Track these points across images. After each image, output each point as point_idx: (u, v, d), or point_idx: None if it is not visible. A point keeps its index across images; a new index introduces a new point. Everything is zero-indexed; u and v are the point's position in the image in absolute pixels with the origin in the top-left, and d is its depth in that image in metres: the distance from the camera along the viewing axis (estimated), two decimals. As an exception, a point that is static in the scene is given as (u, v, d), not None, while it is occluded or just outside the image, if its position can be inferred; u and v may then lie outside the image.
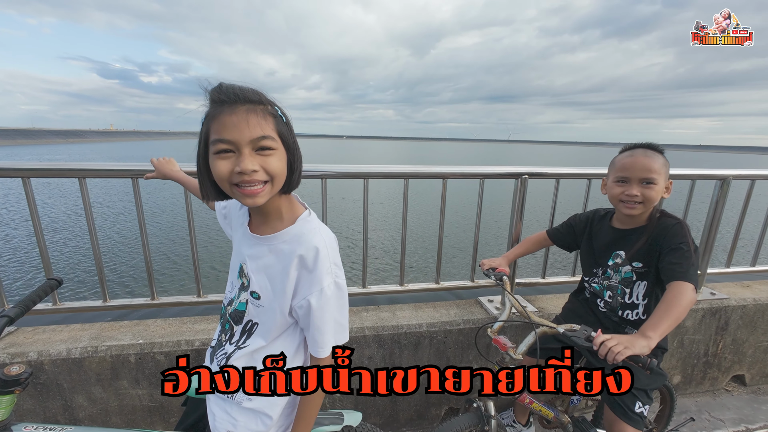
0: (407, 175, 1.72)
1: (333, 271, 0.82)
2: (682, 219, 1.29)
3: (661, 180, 1.25)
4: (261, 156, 0.73)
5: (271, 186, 0.76)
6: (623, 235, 1.36)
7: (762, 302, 2.18)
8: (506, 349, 1.26)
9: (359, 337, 1.71)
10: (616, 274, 1.37)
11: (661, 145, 1.31)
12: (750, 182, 2.13)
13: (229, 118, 0.71)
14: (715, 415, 2.10)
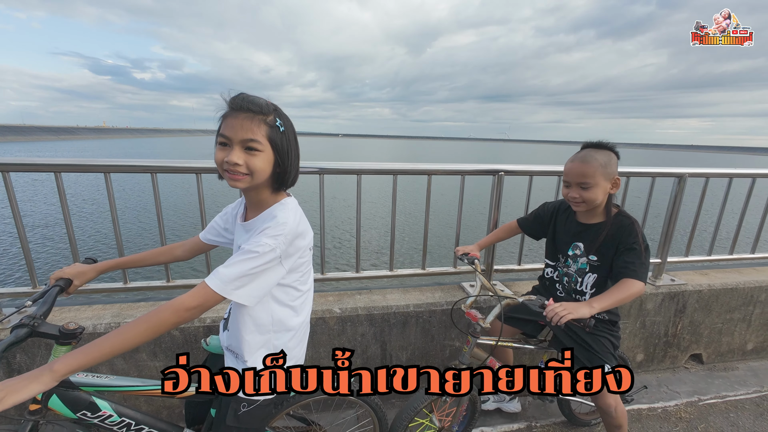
0: (396, 172, 1.93)
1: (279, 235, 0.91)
2: (635, 219, 1.47)
3: (600, 180, 1.39)
4: (247, 154, 0.91)
5: (251, 178, 0.93)
6: (584, 228, 1.53)
7: (716, 288, 2.42)
8: (477, 320, 1.48)
9: (353, 317, 1.91)
10: (574, 263, 1.56)
11: (610, 142, 1.47)
12: (705, 180, 2.37)
13: (231, 120, 0.90)
14: (673, 388, 2.34)
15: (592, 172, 1.39)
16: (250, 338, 1.03)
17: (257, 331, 1.03)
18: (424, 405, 1.53)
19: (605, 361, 1.49)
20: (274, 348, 1.07)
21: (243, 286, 0.89)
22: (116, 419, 1.10)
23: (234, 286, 0.88)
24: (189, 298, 0.87)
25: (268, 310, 1.03)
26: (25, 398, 0.76)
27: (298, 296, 1.08)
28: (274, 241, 0.91)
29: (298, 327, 1.11)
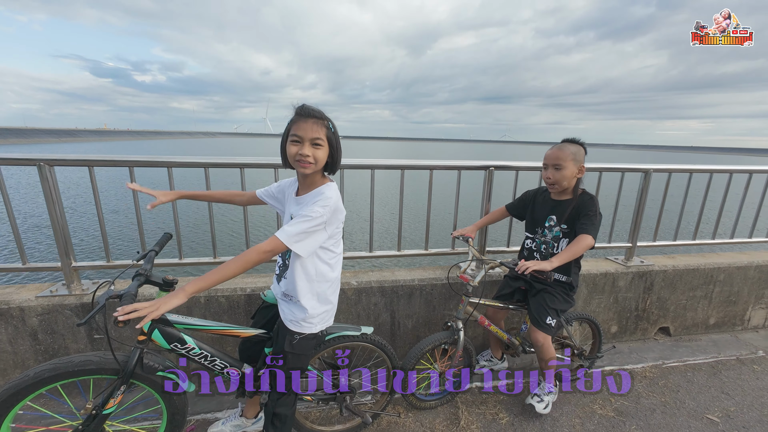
0: (403, 167, 2.30)
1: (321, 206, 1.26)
2: (594, 196, 1.90)
3: (569, 165, 1.82)
4: (313, 148, 1.29)
5: (315, 166, 1.31)
6: (557, 204, 1.95)
7: (680, 268, 2.79)
8: (467, 281, 1.86)
9: (367, 288, 2.28)
10: (549, 232, 1.96)
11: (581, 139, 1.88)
12: (668, 174, 2.74)
13: (302, 124, 1.27)
14: (641, 355, 2.71)
15: (564, 157, 1.82)
16: (302, 284, 1.40)
17: (306, 279, 1.40)
18: (428, 348, 1.91)
19: (548, 315, 1.90)
20: (317, 293, 1.43)
21: (300, 241, 1.26)
22: (197, 351, 1.47)
23: (295, 240, 1.24)
24: (265, 245, 1.24)
25: (313, 265, 1.40)
26: (171, 308, 1.14)
27: (333, 257, 1.45)
28: (323, 209, 1.27)
29: (333, 279, 1.48)
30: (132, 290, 1.25)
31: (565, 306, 1.94)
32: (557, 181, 1.84)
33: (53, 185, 1.88)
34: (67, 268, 2.00)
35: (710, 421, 2.07)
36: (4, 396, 1.27)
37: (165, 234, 1.67)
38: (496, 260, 1.82)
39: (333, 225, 1.35)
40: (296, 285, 1.39)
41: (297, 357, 1.44)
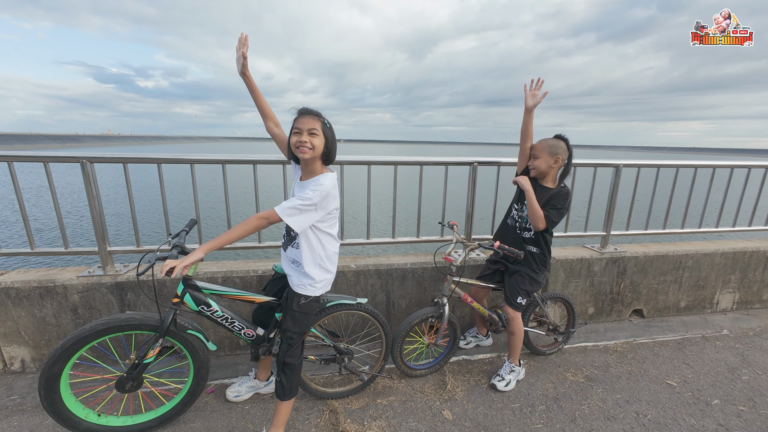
0: (396, 163, 2.59)
1: (315, 191, 1.52)
2: (570, 192, 2.18)
3: (544, 155, 2.09)
4: (310, 136, 1.57)
5: (313, 152, 1.59)
6: (539, 187, 2.16)
7: (650, 255, 3.07)
8: (451, 262, 2.14)
9: (365, 271, 2.57)
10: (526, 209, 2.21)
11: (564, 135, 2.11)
12: (637, 169, 3.02)
13: (301, 119, 1.57)
14: (615, 334, 2.97)
15: (541, 148, 2.11)
16: (306, 255, 1.68)
17: (309, 251, 1.68)
18: (416, 321, 2.19)
19: (519, 295, 2.19)
20: (319, 264, 1.71)
21: (292, 216, 1.52)
22: (220, 314, 1.77)
23: (287, 214, 1.51)
24: (263, 212, 1.54)
25: (316, 239, 1.68)
26: (193, 261, 1.45)
27: (329, 237, 1.72)
28: (313, 193, 1.54)
29: (332, 253, 1.76)
30: (174, 254, 1.54)
31: (533, 287, 2.22)
32: (535, 167, 2.13)
33: (93, 180, 2.18)
34: (104, 252, 2.30)
35: (668, 385, 2.33)
36: (66, 345, 1.57)
37: (191, 219, 1.97)
38: (475, 242, 2.11)
39: (325, 209, 1.61)
40: (302, 255, 1.67)
41: (303, 315, 1.72)
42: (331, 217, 1.69)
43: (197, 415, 1.98)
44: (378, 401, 2.14)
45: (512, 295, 2.20)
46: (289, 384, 1.70)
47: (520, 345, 2.30)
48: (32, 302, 2.18)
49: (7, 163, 2.11)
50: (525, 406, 2.12)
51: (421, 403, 2.13)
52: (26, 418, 1.93)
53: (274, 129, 1.87)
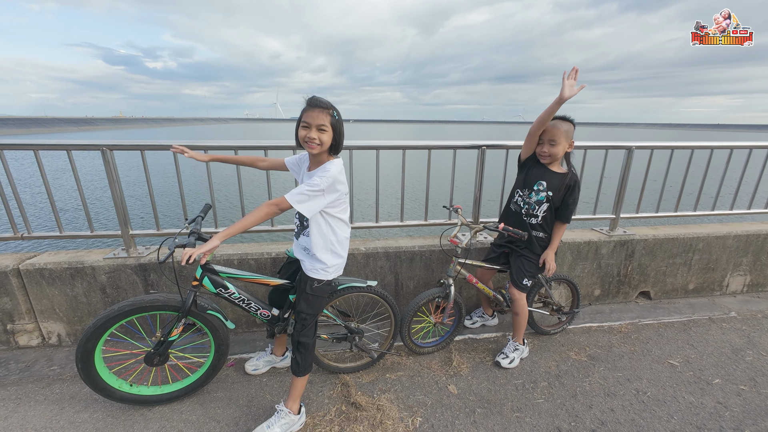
0: (405, 147, 2.62)
1: (322, 178, 1.57)
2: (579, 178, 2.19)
3: (562, 141, 2.08)
4: (319, 132, 1.61)
5: (321, 147, 1.63)
6: (548, 172, 2.18)
7: (660, 237, 3.06)
8: (456, 244, 2.20)
9: (374, 254, 2.65)
10: (535, 195, 2.22)
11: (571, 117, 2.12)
12: (650, 151, 2.97)
13: (310, 112, 1.60)
14: (621, 315, 3.02)
15: (559, 134, 2.08)
16: (317, 241, 1.75)
17: (320, 237, 1.75)
18: (423, 301, 2.28)
19: (525, 276, 2.24)
20: (330, 249, 1.79)
21: (301, 202, 1.56)
22: (237, 296, 1.87)
23: (296, 200, 1.55)
24: (274, 200, 1.60)
25: (327, 225, 1.75)
26: (211, 249, 1.53)
27: (340, 222, 1.79)
28: (320, 180, 1.58)
29: (344, 239, 1.83)
30: (192, 242, 1.63)
31: (539, 270, 2.27)
32: (552, 154, 2.11)
33: (113, 167, 2.28)
34: (126, 236, 2.42)
35: (670, 365, 2.39)
36: (98, 324, 1.70)
37: (206, 204, 2.06)
38: (480, 225, 2.15)
39: (332, 194, 1.65)
40: (313, 241, 1.75)
41: (316, 298, 1.82)
42: (341, 201, 1.74)
43: (219, 386, 2.14)
44: (387, 376, 2.26)
45: (518, 276, 2.25)
46: (303, 361, 1.81)
47: (524, 325, 2.37)
48: (64, 282, 2.34)
49: (33, 152, 2.21)
50: (527, 382, 2.22)
51: (427, 378, 2.25)
52: (66, 386, 2.12)
53: (265, 165, 2.03)
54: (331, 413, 1.97)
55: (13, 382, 2.16)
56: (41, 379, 2.18)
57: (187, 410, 1.97)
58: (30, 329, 2.41)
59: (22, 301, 2.34)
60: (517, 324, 2.37)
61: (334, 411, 1.98)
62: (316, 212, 1.66)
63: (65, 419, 1.90)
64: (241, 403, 2.02)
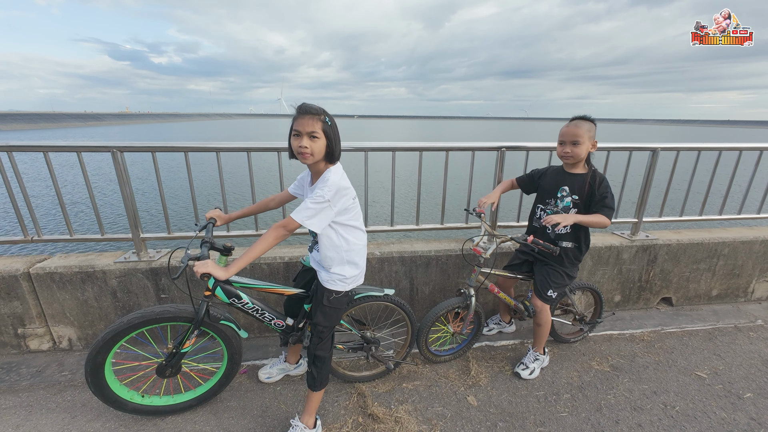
0: (422, 149, 2.53)
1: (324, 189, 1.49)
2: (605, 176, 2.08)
3: (585, 140, 1.99)
4: (311, 140, 1.52)
5: (314, 156, 1.52)
6: (569, 176, 2.11)
7: (684, 242, 2.95)
8: (480, 254, 2.11)
9: (389, 258, 2.57)
10: (561, 202, 2.13)
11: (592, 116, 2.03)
12: (676, 152, 2.85)
13: (300, 120, 1.51)
14: (642, 322, 2.92)
15: (582, 134, 1.99)
16: (331, 254, 1.68)
17: (334, 250, 1.67)
18: (443, 311, 2.20)
19: (550, 288, 2.15)
20: (347, 260, 1.71)
21: (310, 217, 1.49)
22: (251, 306, 1.81)
23: (304, 217, 1.49)
24: (281, 222, 1.54)
25: (339, 237, 1.66)
26: (214, 274, 1.50)
27: (354, 230, 1.70)
28: (322, 191, 1.50)
29: (360, 247, 1.75)
30: (205, 254, 1.57)
31: (566, 281, 2.17)
32: (576, 154, 2.01)
33: (124, 169, 2.22)
34: (137, 239, 2.37)
35: (698, 377, 2.30)
36: (107, 337, 1.65)
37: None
38: (507, 235, 2.06)
39: (339, 202, 1.57)
40: (326, 256, 1.67)
41: (333, 310, 1.75)
42: (351, 207, 1.66)
43: (233, 395, 2.09)
44: (404, 385, 2.20)
45: (543, 287, 2.16)
46: (319, 375, 1.75)
47: (546, 336, 2.29)
48: (75, 286, 2.30)
49: (42, 153, 2.16)
50: (549, 394, 2.14)
51: (445, 389, 2.18)
52: (78, 394, 2.08)
53: (275, 203, 1.97)
54: (348, 425, 1.91)
55: (25, 387, 2.13)
56: (53, 385, 2.15)
57: (201, 420, 1.92)
58: (41, 333, 2.38)
59: (33, 305, 2.31)
60: (538, 334, 2.28)
61: (351, 423, 1.92)
62: (326, 225, 1.58)
63: (77, 428, 1.86)
64: (255, 414, 1.97)
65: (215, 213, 1.91)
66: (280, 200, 1.98)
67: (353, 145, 2.40)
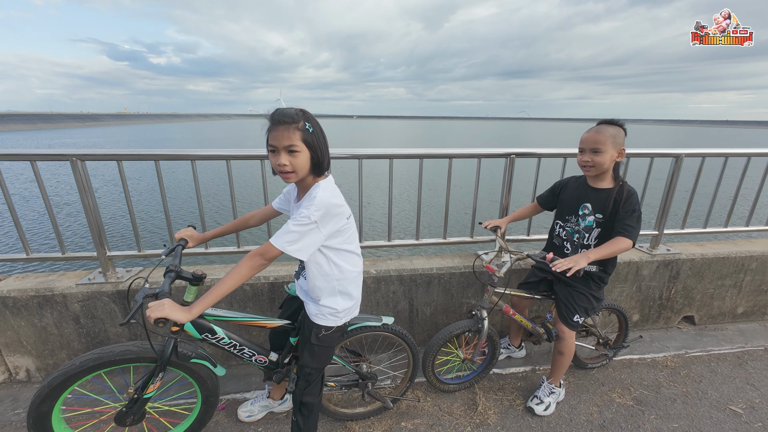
0: (422, 156, 2.28)
1: (310, 208, 1.23)
2: (635, 189, 1.80)
3: (608, 148, 1.71)
4: (291, 156, 1.25)
5: (297, 174, 1.26)
6: (593, 191, 1.84)
7: (709, 257, 2.70)
8: (493, 272, 1.86)
9: (386, 277, 2.32)
10: (582, 221, 1.87)
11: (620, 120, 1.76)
12: (701, 159, 2.61)
13: (274, 133, 1.24)
14: (664, 344, 2.67)
15: (604, 140, 1.72)
16: (320, 284, 1.42)
17: (324, 280, 1.42)
18: (451, 335, 1.95)
19: (576, 312, 1.89)
20: (339, 290, 1.46)
21: (293, 242, 1.23)
22: (227, 341, 1.55)
23: (286, 242, 1.23)
24: (258, 249, 1.28)
25: (330, 264, 1.40)
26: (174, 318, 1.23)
27: (347, 254, 1.44)
28: (307, 211, 1.24)
29: (354, 275, 1.50)
30: (165, 289, 1.31)
31: (593, 305, 1.91)
32: (597, 164, 1.74)
33: (85, 179, 1.96)
34: (103, 258, 2.11)
35: (733, 413, 2.05)
36: (54, 383, 1.38)
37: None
38: (523, 252, 1.81)
39: (329, 223, 1.31)
40: (315, 286, 1.42)
41: (324, 349, 1.49)
42: (345, 228, 1.40)
43: (207, 439, 1.83)
44: (402, 424, 1.94)
45: (568, 312, 1.90)
46: (306, 425, 1.50)
47: (566, 367, 2.03)
48: (31, 312, 2.04)
49: (-9, 162, 1.90)
50: (568, 436, 1.89)
51: (450, 428, 1.93)
52: (29, 438, 1.82)
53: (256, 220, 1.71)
54: (338, 478, 1.65)
55: (-29, 429, 1.87)
56: (2, 427, 1.88)
57: (168, 472, 1.66)
58: (-5, 364, 2.12)
59: (-16, 333, 2.04)
60: (559, 364, 2.02)
61: (342, 474, 1.67)
62: (314, 251, 1.32)
63: (23, 484, 1.60)
64: (232, 463, 1.71)
65: (187, 233, 1.65)
66: (262, 216, 1.72)
67: (346, 152, 2.15)
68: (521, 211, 2.21)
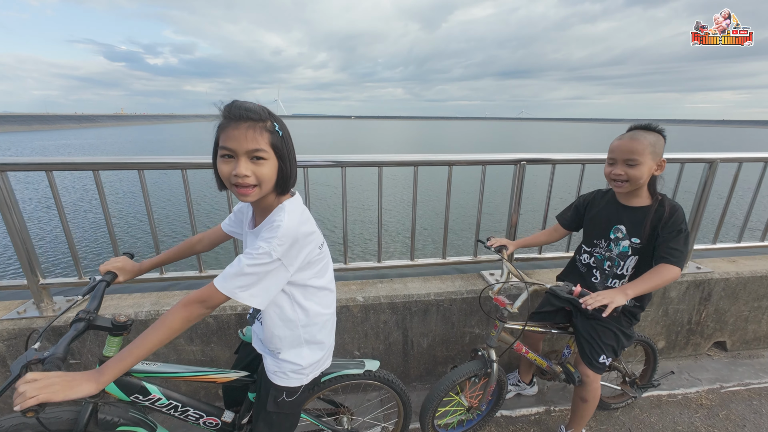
0: (417, 163, 1.94)
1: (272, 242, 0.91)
2: (679, 204, 1.46)
3: (646, 160, 1.38)
4: (254, 164, 0.92)
5: (260, 189, 0.94)
6: (626, 211, 1.51)
7: (744, 275, 2.37)
8: (504, 305, 1.52)
9: (376, 305, 1.98)
10: (616, 247, 1.53)
11: (658, 125, 1.43)
12: (737, 165, 2.28)
13: (233, 131, 0.89)
14: (694, 375, 2.34)
15: (641, 150, 1.38)
16: (281, 333, 1.08)
17: (286, 327, 1.08)
18: (454, 384, 1.61)
19: (603, 353, 1.55)
20: (307, 341, 1.12)
21: (247, 287, 0.91)
22: (164, 402, 1.20)
23: (236, 288, 0.91)
24: (195, 294, 0.94)
25: (294, 306, 1.07)
26: (72, 398, 0.87)
27: (318, 292, 1.11)
28: (267, 245, 0.91)
29: (326, 319, 1.16)
30: (58, 352, 0.96)
31: (623, 343, 1.57)
32: (632, 179, 1.41)
33: (8, 194, 1.61)
34: (35, 287, 1.76)
35: (790, 470, 1.71)
36: None
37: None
38: (543, 284, 1.46)
39: (298, 256, 0.98)
40: (273, 335, 1.08)
41: (284, 417, 1.15)
42: (317, 260, 1.07)
43: None
44: (394, 489, 1.60)
45: (593, 352, 1.56)
46: None
47: (590, 415, 1.69)
48: (-55, 353, 1.69)
49: None
50: (595, 505, 1.55)
51: (451, 494, 1.58)
52: None
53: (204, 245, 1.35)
54: None
55: None
56: None
57: None
58: None
59: None
60: (581, 412, 1.68)
61: None
62: (274, 296, 0.99)
63: None
64: None
65: (118, 264, 1.29)
66: (210, 240, 1.36)
67: (328, 159, 1.82)
68: (538, 235, 1.85)
